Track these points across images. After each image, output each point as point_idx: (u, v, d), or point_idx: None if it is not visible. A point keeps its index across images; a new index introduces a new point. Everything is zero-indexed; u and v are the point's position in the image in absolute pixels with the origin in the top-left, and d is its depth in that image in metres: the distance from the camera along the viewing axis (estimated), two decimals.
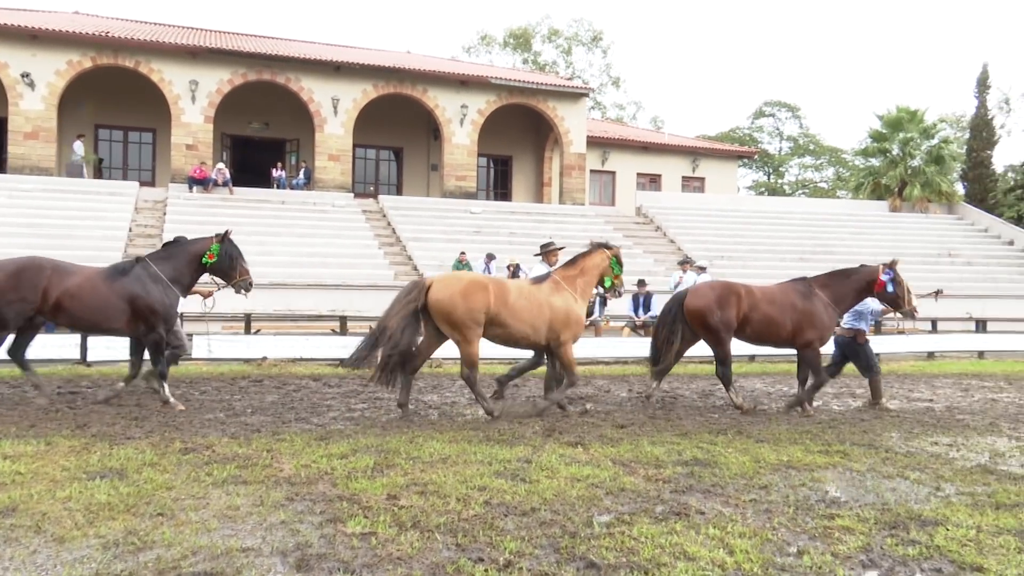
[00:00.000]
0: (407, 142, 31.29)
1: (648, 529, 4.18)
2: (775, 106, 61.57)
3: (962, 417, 8.61)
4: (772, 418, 8.26)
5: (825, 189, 59.34)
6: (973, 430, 7.72)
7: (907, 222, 33.02)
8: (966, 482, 5.41)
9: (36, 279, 7.67)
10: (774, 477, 5.46)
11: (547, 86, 30.63)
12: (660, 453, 6.12)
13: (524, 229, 25.60)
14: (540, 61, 57.15)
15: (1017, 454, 6.48)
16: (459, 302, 7.68)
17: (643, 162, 35.67)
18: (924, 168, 35.35)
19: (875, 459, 6.12)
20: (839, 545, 4.01)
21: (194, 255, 8.41)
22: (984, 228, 33.51)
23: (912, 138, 36.04)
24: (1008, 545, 4.04)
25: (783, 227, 30.09)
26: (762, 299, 9.10)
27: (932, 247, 29.90)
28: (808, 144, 61.34)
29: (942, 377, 13.17)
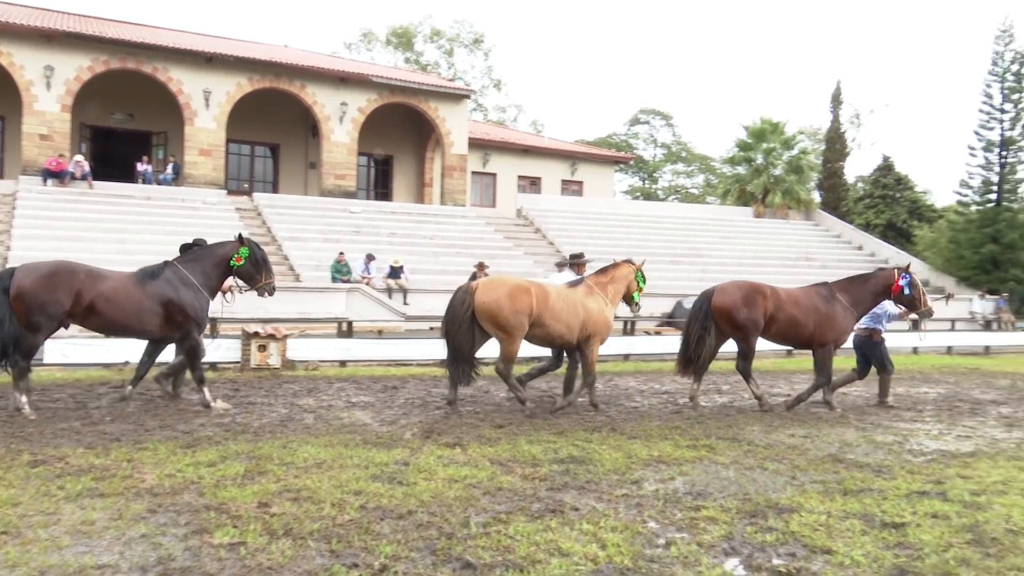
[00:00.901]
0: (284, 139, 30.40)
1: (524, 527, 4.23)
2: (650, 114, 63.83)
3: (816, 410, 9.18)
4: (644, 415, 8.54)
5: (696, 195, 61.99)
6: (825, 422, 8.25)
7: (769, 227, 34.92)
8: (818, 471, 5.78)
9: (70, 282, 7.61)
10: (645, 472, 5.65)
11: (429, 86, 30.52)
12: (537, 452, 6.21)
13: (405, 229, 25.41)
14: (422, 61, 56.91)
15: (863, 444, 6.98)
16: (505, 304, 8.19)
17: (524, 165, 36.12)
18: (785, 177, 37.51)
19: (738, 452, 6.44)
20: (704, 535, 4.19)
21: (222, 258, 8.46)
22: (837, 234, 35.88)
23: (774, 148, 38.18)
24: (854, 528, 4.34)
25: (657, 231, 31.19)
26: (787, 300, 9.51)
27: (791, 251, 31.76)
28: (680, 151, 63.96)
29: (800, 373, 13.99)
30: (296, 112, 28.94)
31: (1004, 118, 31.57)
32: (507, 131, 43.08)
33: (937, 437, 7.44)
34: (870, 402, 10.05)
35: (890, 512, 4.65)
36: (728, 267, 27.59)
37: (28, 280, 7.53)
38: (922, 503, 4.85)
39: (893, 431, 7.70)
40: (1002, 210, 31.34)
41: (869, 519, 4.51)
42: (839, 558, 3.85)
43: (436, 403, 9.13)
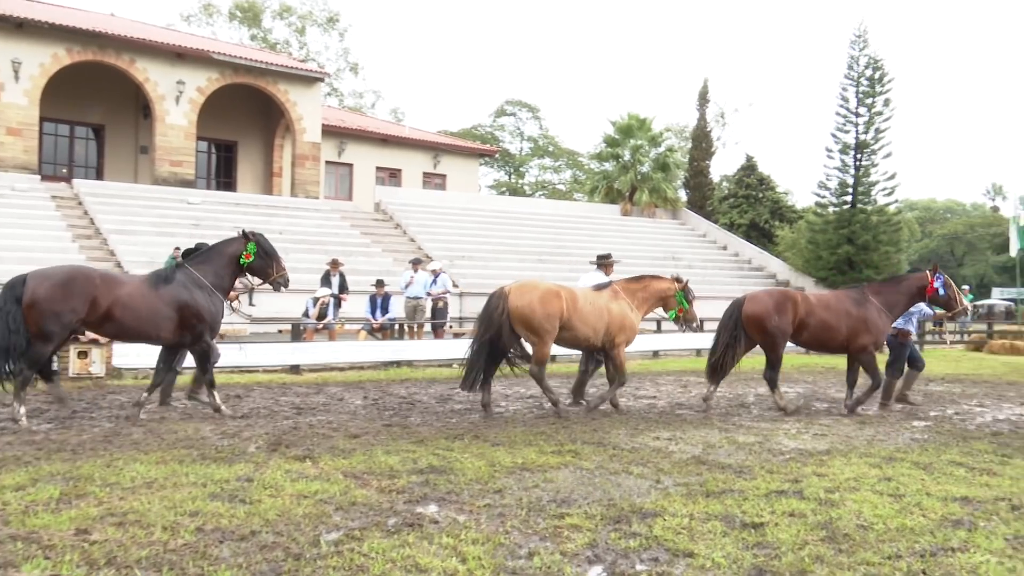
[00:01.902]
0: (110, 119, 28.67)
1: (379, 543, 4.19)
2: (516, 106, 64.78)
3: (681, 412, 9.62)
4: (508, 421, 8.65)
5: (563, 191, 63.47)
6: (690, 424, 8.65)
7: (637, 225, 36.26)
8: (682, 473, 6.05)
9: (86, 289, 7.65)
10: (509, 480, 5.73)
11: (278, 67, 29.65)
12: (395, 462, 6.16)
13: (251, 223, 24.40)
14: (271, 39, 55.21)
15: (726, 445, 7.37)
16: (538, 308, 8.86)
17: (383, 155, 35.76)
18: (652, 174, 39.06)
19: (603, 456, 6.65)
20: (568, 543, 4.29)
21: (231, 257, 8.58)
22: (703, 233, 37.71)
23: (641, 145, 39.66)
24: (716, 530, 4.57)
25: (523, 228, 31.68)
26: (818, 306, 9.95)
27: (658, 250, 33.10)
28: (547, 146, 65.31)
29: (665, 375, 14.63)
30: (125, 90, 27.38)
31: (859, 122, 34.19)
32: (365, 119, 42.51)
33: (795, 436, 7.95)
34: (763, 404, 10.60)
35: (750, 512, 4.93)
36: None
37: (43, 288, 7.57)
38: (780, 502, 5.17)
39: (754, 432, 8.17)
40: (857, 212, 33.91)
41: (730, 520, 4.76)
42: (700, 560, 4.05)
43: (284, 413, 8.89)
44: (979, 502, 5.28)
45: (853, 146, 34.23)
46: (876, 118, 33.98)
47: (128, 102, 28.32)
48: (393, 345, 15.60)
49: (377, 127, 38.30)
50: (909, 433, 8.27)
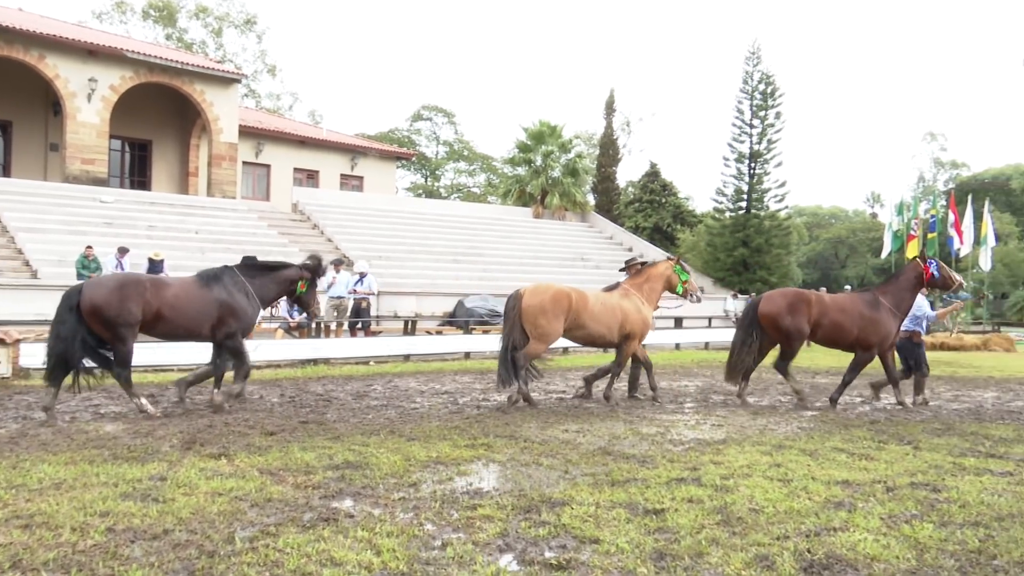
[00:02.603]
0: (18, 115, 27.20)
1: (295, 539, 4.10)
2: (433, 111, 64.44)
3: (589, 406, 9.74)
4: (424, 416, 8.60)
5: (477, 194, 63.50)
6: (596, 417, 8.78)
7: (548, 228, 36.56)
8: (589, 464, 6.14)
9: (139, 292, 7.96)
10: (424, 474, 5.69)
11: (194, 67, 28.68)
12: (311, 458, 6.05)
13: (166, 222, 23.71)
14: (187, 39, 53.35)
15: (630, 436, 7.50)
16: (548, 308, 9.29)
17: (300, 157, 35.04)
18: (562, 179, 39.43)
19: (515, 449, 6.68)
20: (480, 533, 4.29)
21: (287, 280, 9.14)
22: (610, 236, 38.31)
23: (552, 151, 39.99)
24: (620, 517, 4.65)
25: (439, 229, 31.54)
26: (832, 307, 10.13)
27: (568, 252, 33.45)
28: (463, 150, 65.20)
29: (574, 370, 14.78)
30: (34, 86, 26.03)
31: (753, 132, 35.38)
32: (282, 120, 41.58)
33: (695, 427, 8.16)
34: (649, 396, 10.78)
35: (652, 499, 5.03)
36: (509, 267, 28.53)
37: (99, 294, 7.87)
38: (680, 489, 5.30)
39: (657, 423, 8.35)
40: (751, 217, 35.09)
41: (633, 507, 4.85)
42: (606, 546, 4.11)
43: (200, 411, 8.61)
44: (858, 485, 5.53)
45: (748, 155, 35.41)
46: (768, 130, 35.25)
47: (37, 99, 26.93)
48: (311, 344, 15.30)
49: (295, 129, 37.49)
50: (797, 422, 8.60)
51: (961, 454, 6.78)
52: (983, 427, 8.39)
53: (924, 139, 70.63)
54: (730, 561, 3.91)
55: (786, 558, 3.95)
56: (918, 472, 6.00)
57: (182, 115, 30.58)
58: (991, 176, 59.30)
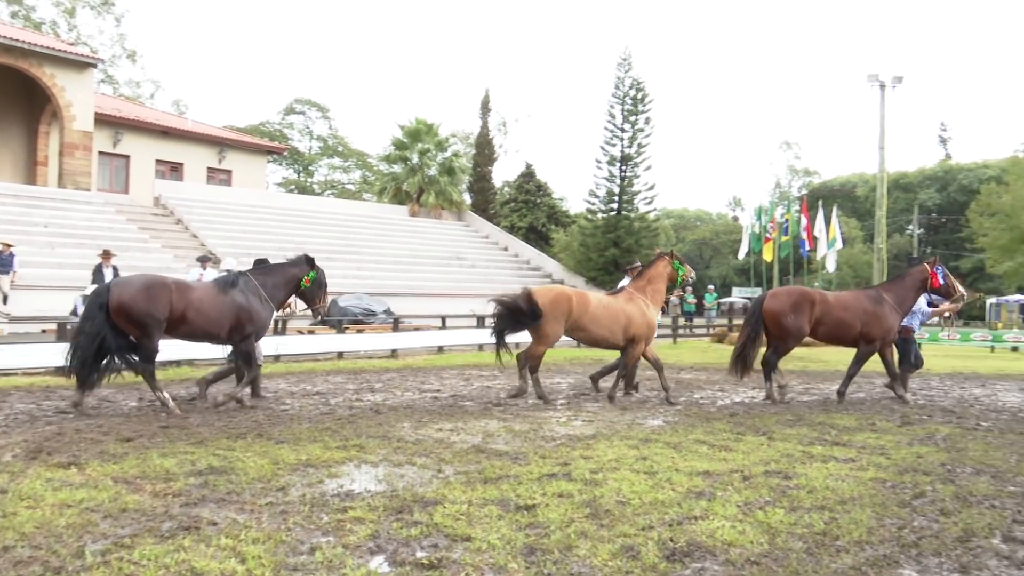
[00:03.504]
0: None
1: (152, 550, 3.90)
2: (306, 104, 62.88)
3: (463, 404, 9.77)
4: (294, 418, 8.37)
5: (353, 191, 62.46)
6: (471, 415, 8.82)
7: (424, 227, 36.41)
8: (462, 462, 6.15)
9: (164, 293, 8.28)
10: (292, 477, 5.54)
11: (44, 48, 26.77)
12: (171, 465, 5.77)
13: (10, 214, 22.03)
14: (35, 18, 49.73)
15: (504, 433, 7.57)
16: (549, 310, 9.57)
17: (163, 148, 33.36)
18: (438, 178, 39.38)
19: (388, 449, 6.61)
20: (350, 536, 4.22)
21: (293, 278, 9.50)
22: (486, 235, 38.56)
23: (429, 149, 39.87)
24: (492, 514, 4.68)
25: (313, 226, 30.83)
26: (836, 305, 10.37)
27: (444, 250, 33.43)
28: (337, 146, 63.95)
29: (449, 369, 14.80)
30: None
31: (624, 136, 36.46)
32: (144, 109, 39.45)
33: (566, 423, 8.33)
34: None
35: (524, 495, 5.10)
36: (384, 265, 28.23)
37: (127, 293, 8.20)
38: (551, 484, 5.40)
39: (530, 420, 8.46)
40: (622, 218, 36.15)
41: (505, 504, 4.90)
42: (478, 544, 4.13)
43: (48, 418, 8.04)
44: (718, 475, 5.80)
45: (619, 159, 36.45)
46: (639, 134, 36.41)
47: None
48: (174, 344, 14.55)
49: (157, 118, 35.63)
50: (663, 417, 8.93)
51: (810, 443, 7.23)
52: (830, 417, 8.98)
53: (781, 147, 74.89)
54: (598, 553, 4.02)
55: (650, 547, 4.10)
56: (772, 461, 6.36)
57: (29, 100, 28.50)
58: (839, 183, 63.65)
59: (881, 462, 6.39)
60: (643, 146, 36.41)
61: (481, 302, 25.76)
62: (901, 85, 31.55)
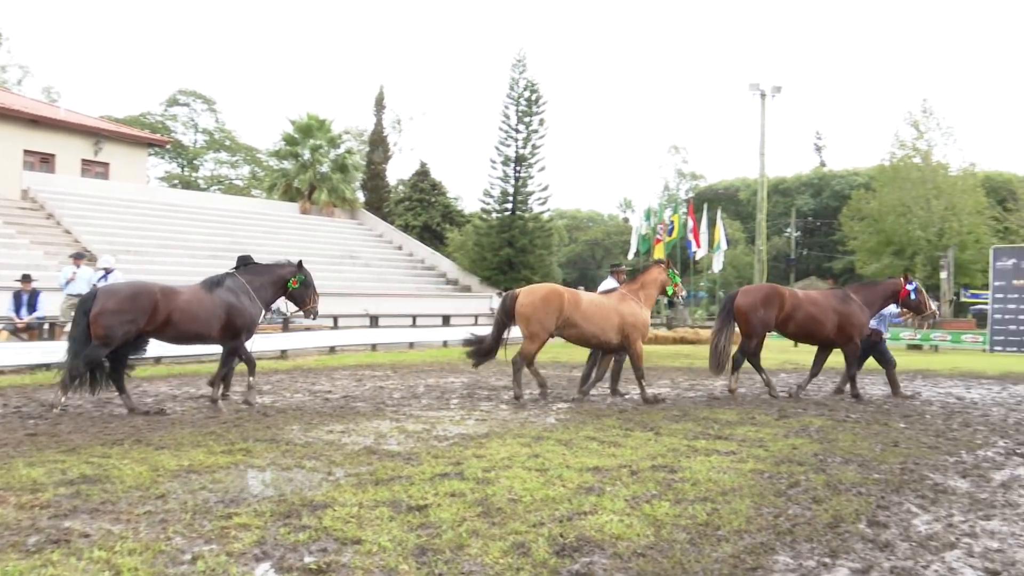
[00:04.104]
0: None
1: (16, 566, 3.66)
2: (191, 96, 60.38)
3: (355, 405, 9.62)
4: (175, 422, 8.04)
5: (240, 187, 60.44)
6: (363, 416, 8.70)
7: (315, 224, 35.66)
8: (353, 464, 6.06)
9: (149, 301, 8.45)
10: (173, 484, 5.32)
11: None
12: (39, 475, 5.43)
13: None
14: None
15: (396, 434, 7.51)
16: (539, 307, 9.81)
17: (32, 138, 31.29)
18: (331, 175, 38.65)
19: (276, 453, 6.44)
20: (235, 543, 4.08)
21: (280, 278, 9.65)
22: (380, 233, 38.12)
23: (321, 145, 39.08)
24: (383, 515, 4.63)
25: (197, 222, 29.70)
26: (805, 301, 10.75)
27: (337, 249, 32.85)
28: (224, 140, 61.71)
29: (341, 369, 14.55)
30: None
31: (518, 137, 36.77)
32: (10, 96, 36.93)
33: (459, 422, 8.33)
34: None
35: (415, 496, 5.07)
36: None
37: (110, 302, 8.40)
38: (443, 484, 5.39)
39: (423, 420, 8.42)
40: (516, 218, 36.46)
41: (397, 505, 4.86)
42: (368, 546, 4.08)
43: None
44: (607, 470, 5.93)
45: (513, 159, 36.74)
46: (533, 135, 36.81)
47: None
48: (42, 346, 13.72)
49: (25, 106, 33.39)
50: (555, 415, 9.06)
51: (695, 437, 7.50)
52: (713, 412, 9.33)
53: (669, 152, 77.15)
54: (489, 551, 4.04)
55: (541, 544, 4.15)
56: (658, 455, 6.55)
57: None
58: (724, 187, 66.19)
59: (760, 454, 6.69)
60: (537, 147, 36.84)
61: (375, 301, 25.46)
62: (780, 95, 33.15)
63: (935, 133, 37.08)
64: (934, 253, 33.25)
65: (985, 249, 28.88)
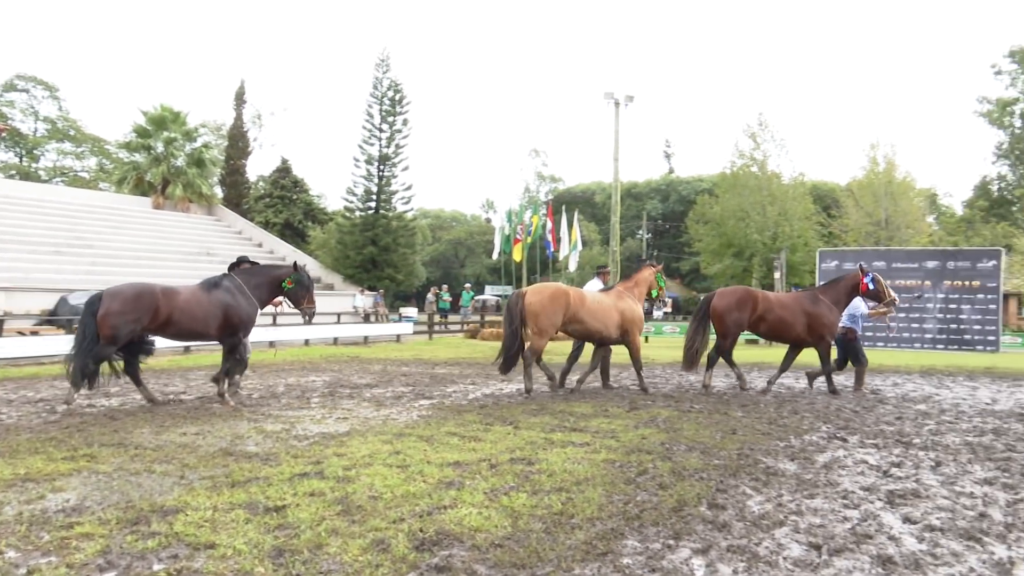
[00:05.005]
0: None
1: None
2: (30, 81, 55.74)
3: (211, 406, 9.20)
4: (11, 428, 7.41)
5: (87, 179, 56.42)
6: (219, 417, 8.32)
7: (169, 220, 33.84)
8: (208, 466, 5.79)
9: (151, 302, 8.82)
10: (8, 494, 4.90)
11: None
12: None
13: None
14: None
15: (254, 435, 7.24)
16: (547, 305, 10.09)
17: None
18: (186, 169, 36.79)
19: (124, 457, 6.06)
20: (76, 554, 3.82)
21: (275, 279, 9.92)
22: (239, 230, 36.63)
23: (176, 138, 37.12)
24: (239, 518, 4.46)
25: (36, 216, 27.51)
26: (776, 304, 11.09)
27: (192, 245, 31.30)
28: (68, 129, 57.39)
29: (196, 370, 13.87)
30: None
31: (382, 137, 36.32)
32: None
33: (320, 421, 8.14)
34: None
35: (273, 497, 4.91)
36: (122, 259, 25.86)
37: (115, 303, 8.72)
38: (302, 484, 5.24)
39: (282, 420, 8.16)
40: (380, 217, 36.00)
41: (253, 507, 4.69)
42: (222, 550, 3.91)
43: None
44: (467, 464, 5.97)
45: (377, 158, 36.28)
46: (397, 135, 36.48)
47: None
48: None
49: None
50: (417, 411, 9.01)
51: (552, 430, 7.66)
52: (570, 406, 9.56)
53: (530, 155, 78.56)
54: (348, 549, 3.97)
55: (400, 539, 4.12)
56: (517, 448, 6.65)
57: None
58: (581, 190, 68.02)
59: (612, 444, 6.92)
60: (401, 147, 36.53)
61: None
62: (633, 103, 34.38)
63: (770, 144, 39.59)
64: (769, 255, 35.53)
65: (812, 251, 31.10)
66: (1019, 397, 11.22)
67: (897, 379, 13.57)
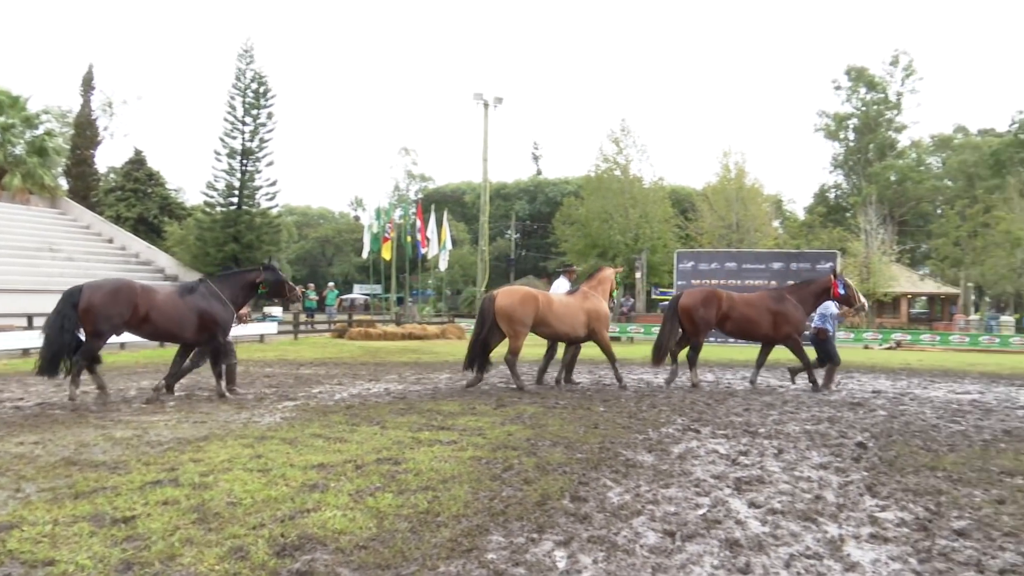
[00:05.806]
0: None
1: None
2: None
3: (53, 413, 8.55)
4: None
5: None
6: (62, 424, 7.74)
7: (6, 213, 31.25)
8: (48, 478, 5.38)
9: (130, 297, 9.11)
10: None
11: None
12: None
13: None
14: None
15: (101, 442, 6.78)
16: (517, 308, 10.65)
17: None
18: (26, 158, 34.10)
19: None
20: None
21: (249, 282, 10.35)
22: (86, 225, 34.31)
23: (14, 124, 34.33)
24: (83, 531, 4.16)
25: None
26: (741, 302, 11.37)
27: (33, 240, 29.08)
28: None
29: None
30: None
31: (245, 130, 34.98)
32: None
33: (175, 426, 7.72)
34: None
35: (122, 507, 4.62)
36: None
37: (97, 296, 9.00)
38: (155, 492, 4.96)
39: (133, 425, 7.70)
40: (243, 213, 34.65)
41: (99, 519, 4.39)
42: (63, 566, 3.64)
43: None
44: (332, 466, 5.83)
45: (240, 152, 34.92)
46: (261, 128, 35.25)
47: None
48: None
49: None
50: (280, 413, 8.72)
51: (419, 429, 7.62)
52: (437, 404, 9.55)
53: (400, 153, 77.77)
54: (204, 558, 3.79)
55: (260, 546, 3.98)
56: (384, 448, 6.57)
57: None
58: (451, 190, 68.08)
59: (478, 442, 6.96)
60: (265, 141, 35.35)
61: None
62: (502, 105, 34.72)
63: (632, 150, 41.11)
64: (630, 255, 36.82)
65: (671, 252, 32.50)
66: (851, 388, 12.18)
67: (745, 372, 14.40)
